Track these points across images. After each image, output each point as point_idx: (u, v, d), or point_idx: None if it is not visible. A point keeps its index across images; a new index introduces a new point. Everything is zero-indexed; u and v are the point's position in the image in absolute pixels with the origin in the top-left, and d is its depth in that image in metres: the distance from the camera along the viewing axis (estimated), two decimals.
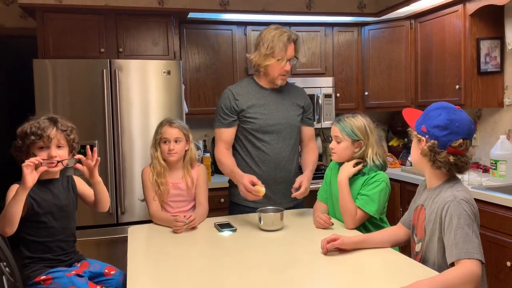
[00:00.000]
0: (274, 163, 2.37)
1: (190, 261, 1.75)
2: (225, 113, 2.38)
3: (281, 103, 2.42)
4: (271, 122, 2.36)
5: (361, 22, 4.00)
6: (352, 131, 2.12)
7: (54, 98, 3.02)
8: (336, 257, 1.75)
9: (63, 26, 3.20)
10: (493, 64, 3.27)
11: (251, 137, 2.38)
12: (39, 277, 1.82)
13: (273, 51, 2.28)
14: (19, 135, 1.87)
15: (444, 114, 1.58)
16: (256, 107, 2.37)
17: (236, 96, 2.38)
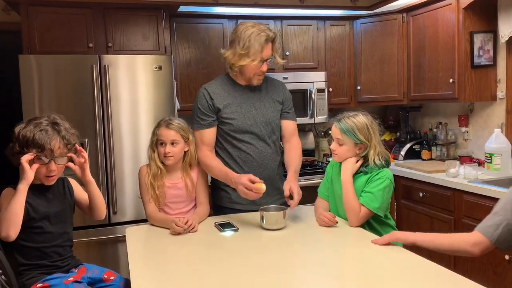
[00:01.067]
0: (257, 162, 2.28)
1: (194, 264, 1.70)
2: (203, 113, 2.26)
3: (259, 100, 2.31)
4: (249, 122, 2.27)
5: (353, 16, 3.97)
6: (354, 135, 2.05)
7: (41, 95, 2.91)
8: (345, 256, 1.72)
9: (50, 20, 3.09)
10: (486, 57, 3.28)
11: (230, 138, 2.28)
12: (35, 285, 1.74)
13: (248, 51, 2.15)
14: (19, 140, 1.76)
15: None
16: (232, 106, 2.26)
17: (212, 95, 2.26)
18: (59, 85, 2.94)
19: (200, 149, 2.27)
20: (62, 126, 1.83)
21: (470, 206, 2.80)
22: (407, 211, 3.43)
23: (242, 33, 2.17)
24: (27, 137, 1.75)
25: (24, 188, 1.70)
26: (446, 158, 3.58)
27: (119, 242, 3.10)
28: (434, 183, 3.10)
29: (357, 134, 2.05)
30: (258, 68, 2.20)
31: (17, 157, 1.75)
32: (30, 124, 1.79)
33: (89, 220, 3.02)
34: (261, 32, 2.16)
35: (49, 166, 1.78)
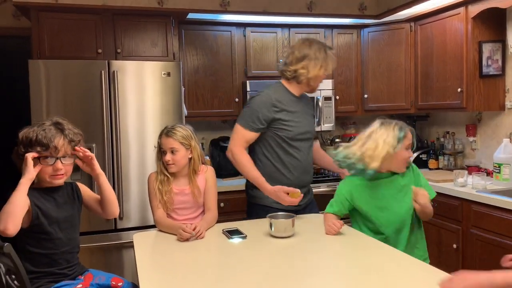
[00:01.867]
0: (303, 168, 2.44)
1: (202, 270, 1.68)
2: (259, 119, 2.36)
3: (306, 111, 2.51)
4: (302, 130, 2.43)
5: (361, 24, 3.97)
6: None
7: (50, 100, 2.92)
8: (355, 264, 1.70)
9: (59, 26, 3.10)
10: (494, 67, 3.27)
11: (284, 144, 2.40)
12: None
13: (327, 64, 2.39)
14: (23, 142, 1.76)
15: None
16: (290, 115, 2.40)
17: (277, 103, 2.38)
18: (68, 90, 2.95)
19: (238, 144, 2.39)
20: (65, 125, 1.83)
21: (478, 216, 2.78)
22: None
23: (316, 53, 2.37)
24: (30, 137, 1.74)
25: (26, 183, 1.68)
26: (454, 168, 3.56)
27: (124, 248, 3.09)
28: (442, 192, 3.07)
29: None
30: (321, 79, 2.45)
31: (21, 161, 1.75)
32: (33, 126, 1.79)
33: (94, 226, 3.02)
34: (332, 54, 2.43)
35: (55, 165, 1.77)
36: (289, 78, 2.42)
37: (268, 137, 2.40)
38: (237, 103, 3.71)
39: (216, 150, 3.74)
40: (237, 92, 3.72)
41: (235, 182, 3.53)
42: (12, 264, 1.57)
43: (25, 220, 1.72)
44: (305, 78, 2.38)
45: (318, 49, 2.37)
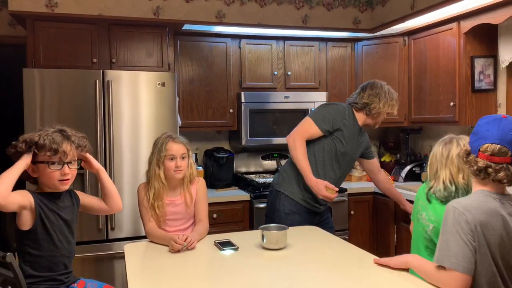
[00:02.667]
0: (333, 182, 2.59)
1: (193, 282, 1.67)
2: (329, 121, 2.60)
3: (359, 142, 2.77)
4: (351, 153, 2.70)
5: (355, 38, 4.01)
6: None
7: (44, 108, 2.91)
8: (347, 276, 1.69)
9: (55, 35, 3.11)
10: (486, 82, 3.30)
11: (334, 155, 2.64)
12: None
13: (393, 104, 2.72)
14: (25, 141, 1.77)
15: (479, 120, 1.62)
16: (350, 135, 2.66)
17: (346, 117, 2.65)
18: (62, 99, 2.95)
19: (302, 133, 2.59)
20: (69, 131, 1.88)
21: None
22: (407, 234, 3.40)
23: (392, 95, 2.74)
24: (36, 141, 1.76)
25: (22, 164, 1.73)
26: None
27: (115, 258, 3.07)
28: None
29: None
30: (383, 118, 2.77)
31: (17, 157, 1.78)
32: (36, 132, 1.81)
33: (86, 235, 3.00)
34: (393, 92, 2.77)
35: (63, 170, 1.80)
36: (359, 108, 2.71)
37: (325, 143, 2.63)
38: (232, 114, 3.72)
39: (210, 160, 3.74)
40: (232, 103, 3.73)
41: (228, 193, 3.53)
42: (12, 275, 1.56)
43: (28, 221, 1.76)
44: (376, 112, 2.69)
45: (389, 91, 2.73)
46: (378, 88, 2.70)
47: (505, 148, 1.50)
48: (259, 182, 3.59)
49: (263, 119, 3.73)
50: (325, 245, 2.10)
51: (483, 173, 1.54)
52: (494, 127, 1.54)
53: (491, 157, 1.51)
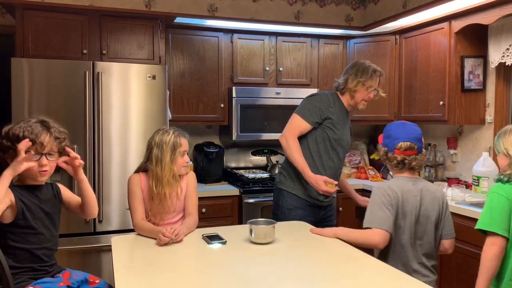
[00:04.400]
0: (334, 171, 2.67)
1: (180, 275, 1.67)
2: (316, 112, 2.60)
3: (348, 125, 2.78)
4: (344, 138, 2.69)
5: (347, 35, 4.02)
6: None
7: (32, 99, 2.88)
8: (333, 271, 1.70)
9: (44, 25, 3.07)
10: (476, 82, 3.33)
11: (328, 144, 2.64)
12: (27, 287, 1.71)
13: (365, 80, 2.62)
14: (7, 136, 1.77)
15: (391, 127, 2.12)
16: (339, 121, 2.65)
17: (332, 103, 2.65)
18: (51, 90, 2.92)
19: (293, 130, 2.61)
20: (50, 123, 1.86)
21: (457, 228, 2.79)
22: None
23: (364, 70, 2.64)
24: (17, 134, 1.75)
25: (9, 176, 1.68)
26: (434, 179, 3.61)
27: (102, 251, 3.05)
28: None
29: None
30: (366, 95, 2.65)
31: (5, 153, 1.77)
32: (19, 123, 1.80)
33: (73, 228, 2.98)
34: (371, 66, 2.67)
35: (41, 161, 1.79)
36: (342, 91, 2.69)
37: (317, 134, 2.63)
38: (222, 108, 3.71)
39: (200, 155, 3.73)
40: (223, 98, 3.72)
41: (218, 188, 3.53)
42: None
43: (9, 215, 1.74)
44: (350, 90, 2.65)
45: (364, 69, 2.65)
46: (355, 66, 2.68)
47: (413, 143, 2.03)
48: (249, 178, 3.59)
49: (254, 115, 3.73)
50: (313, 240, 2.10)
51: (401, 164, 2.05)
52: (401, 130, 2.06)
53: (404, 152, 2.03)
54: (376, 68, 2.68)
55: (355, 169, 4.17)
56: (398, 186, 2.00)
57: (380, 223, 1.93)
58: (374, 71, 2.65)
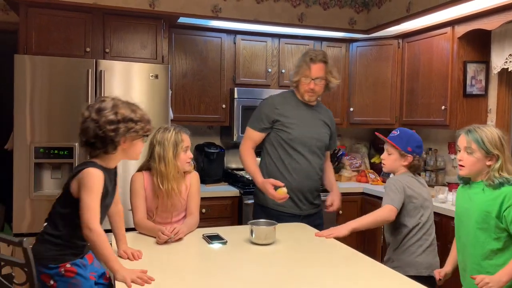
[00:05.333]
0: (304, 173, 2.53)
1: (180, 275, 1.67)
2: (262, 118, 2.56)
3: (313, 118, 2.62)
4: (306, 135, 2.55)
5: (350, 38, 4.02)
6: (489, 143, 1.91)
7: (34, 95, 2.88)
8: (334, 273, 1.70)
9: (48, 22, 3.07)
10: (478, 87, 3.33)
11: (286, 146, 2.53)
12: (64, 264, 1.65)
13: (298, 69, 2.53)
14: (139, 120, 1.73)
15: (417, 137, 2.38)
16: (292, 118, 2.54)
17: (277, 105, 2.56)
18: (53, 88, 2.91)
19: (245, 142, 2.60)
20: None
21: None
22: None
23: (301, 57, 2.58)
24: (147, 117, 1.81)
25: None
26: (435, 184, 3.61)
27: None
28: None
29: (488, 142, 1.91)
30: (306, 85, 2.50)
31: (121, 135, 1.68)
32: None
33: None
34: (311, 54, 2.52)
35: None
36: (294, 86, 2.61)
37: (272, 138, 2.57)
38: (224, 109, 3.71)
39: (201, 155, 3.72)
40: (225, 99, 3.72)
41: (218, 188, 3.52)
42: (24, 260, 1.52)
43: None
44: (293, 82, 2.58)
45: (300, 59, 2.58)
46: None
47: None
48: (249, 179, 3.57)
49: None
50: (313, 242, 2.10)
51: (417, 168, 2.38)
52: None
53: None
54: (314, 55, 2.50)
55: (356, 173, 4.17)
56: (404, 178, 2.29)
57: (391, 201, 2.19)
58: (311, 59, 2.49)
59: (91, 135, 1.65)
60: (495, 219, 1.87)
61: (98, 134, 1.64)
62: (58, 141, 2.93)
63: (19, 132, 2.86)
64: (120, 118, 1.66)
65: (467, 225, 1.98)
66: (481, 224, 1.90)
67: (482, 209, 1.90)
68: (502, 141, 1.93)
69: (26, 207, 2.88)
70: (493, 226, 1.87)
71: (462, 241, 2.02)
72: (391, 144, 2.33)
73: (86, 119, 1.67)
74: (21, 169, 2.86)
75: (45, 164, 2.95)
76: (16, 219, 2.87)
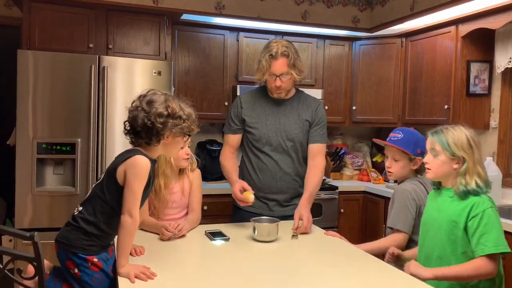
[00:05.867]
0: (271, 173, 2.39)
1: (181, 271, 1.67)
2: (232, 120, 2.44)
3: (285, 115, 2.40)
4: (270, 134, 2.38)
5: (353, 37, 4.01)
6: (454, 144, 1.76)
7: (37, 91, 2.88)
8: (338, 272, 1.70)
9: (51, 18, 3.07)
10: (481, 86, 3.32)
11: (252, 146, 2.42)
12: (92, 258, 1.63)
13: (259, 66, 2.34)
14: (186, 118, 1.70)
15: (421, 136, 2.15)
16: (258, 117, 2.40)
17: (243, 104, 2.43)
18: (56, 83, 2.91)
19: (223, 149, 2.48)
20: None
21: None
22: None
23: (262, 50, 2.35)
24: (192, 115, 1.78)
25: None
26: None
27: None
28: None
29: (455, 143, 1.76)
30: (272, 82, 2.31)
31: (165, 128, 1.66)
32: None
33: None
34: (271, 49, 2.27)
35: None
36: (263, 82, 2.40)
37: (244, 139, 2.46)
38: (227, 107, 3.70)
39: (203, 153, 3.72)
40: (227, 96, 3.71)
41: (220, 186, 3.52)
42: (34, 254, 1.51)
43: None
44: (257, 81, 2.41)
45: (262, 53, 2.34)
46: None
47: None
48: None
49: None
50: (316, 239, 2.10)
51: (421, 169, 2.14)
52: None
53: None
54: (274, 51, 2.25)
55: (358, 171, 4.16)
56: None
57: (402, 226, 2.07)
58: (270, 55, 2.25)
59: (139, 124, 1.66)
60: (462, 231, 1.70)
61: (146, 124, 1.65)
62: (61, 137, 2.93)
63: (22, 128, 2.86)
64: (170, 112, 1.67)
65: (433, 235, 1.81)
66: (449, 236, 1.74)
67: (451, 219, 1.74)
68: (470, 142, 1.75)
69: (28, 203, 2.88)
70: (460, 238, 1.71)
71: (425, 252, 1.85)
72: (398, 149, 2.11)
73: (136, 107, 1.68)
74: (23, 164, 2.86)
75: (47, 160, 2.95)
76: (18, 215, 2.87)
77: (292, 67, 2.29)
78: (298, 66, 2.34)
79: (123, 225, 1.59)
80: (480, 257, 1.65)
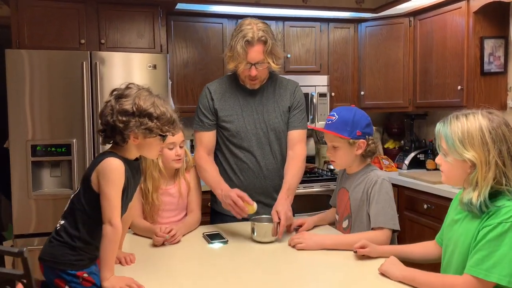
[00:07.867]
0: (253, 172, 2.11)
1: (178, 278, 1.55)
2: (203, 114, 2.12)
3: (262, 104, 2.12)
4: (248, 127, 2.10)
5: (358, 18, 3.83)
6: (459, 141, 1.35)
7: (28, 91, 2.78)
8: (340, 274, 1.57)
9: (40, 14, 2.95)
10: (496, 64, 3.13)
11: (228, 143, 2.12)
12: (82, 273, 1.52)
13: (233, 54, 1.99)
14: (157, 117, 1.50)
15: (362, 113, 1.85)
16: (232, 109, 2.10)
17: (213, 94, 2.12)
18: (47, 82, 2.81)
19: (197, 150, 2.13)
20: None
21: None
22: (410, 223, 3.27)
23: (234, 33, 2.02)
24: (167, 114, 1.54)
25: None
26: None
27: None
28: (439, 194, 2.93)
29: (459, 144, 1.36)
30: (247, 71, 2.01)
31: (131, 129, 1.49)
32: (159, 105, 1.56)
33: None
34: (246, 33, 1.95)
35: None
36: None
37: (218, 135, 2.15)
38: None
39: None
40: None
41: None
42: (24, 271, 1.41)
43: None
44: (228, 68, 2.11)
45: (235, 31, 2.03)
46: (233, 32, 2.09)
47: None
48: None
49: None
50: None
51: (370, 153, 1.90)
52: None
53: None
54: (251, 36, 1.93)
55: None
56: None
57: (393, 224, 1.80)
58: (247, 41, 1.93)
59: (103, 122, 1.52)
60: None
61: (109, 122, 1.49)
62: (56, 138, 2.84)
63: (14, 130, 2.77)
64: (135, 110, 1.48)
65: (451, 250, 1.46)
66: (464, 255, 1.37)
67: (469, 235, 1.36)
68: (485, 136, 1.31)
69: (26, 207, 2.80)
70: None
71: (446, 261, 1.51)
72: (334, 135, 1.80)
73: (106, 103, 1.53)
74: (19, 168, 2.77)
75: (43, 162, 2.86)
76: (16, 220, 2.79)
77: (269, 54, 1.98)
78: (276, 53, 2.02)
79: (104, 235, 1.46)
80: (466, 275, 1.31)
